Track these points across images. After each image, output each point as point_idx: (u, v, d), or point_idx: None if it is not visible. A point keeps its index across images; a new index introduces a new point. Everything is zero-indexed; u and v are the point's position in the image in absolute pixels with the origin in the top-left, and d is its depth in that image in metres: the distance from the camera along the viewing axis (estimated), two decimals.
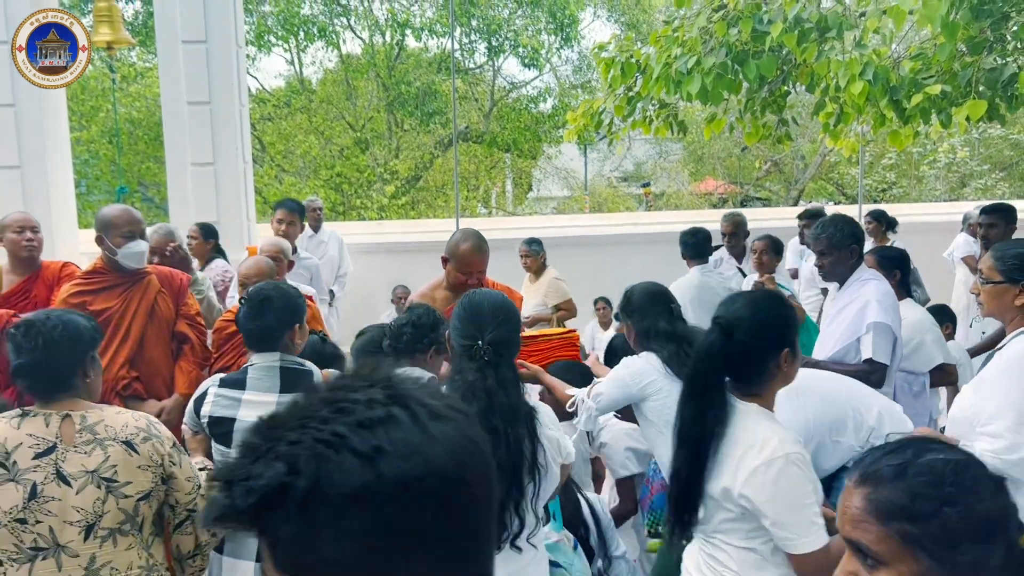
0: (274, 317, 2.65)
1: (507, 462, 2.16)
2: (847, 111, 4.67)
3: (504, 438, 2.16)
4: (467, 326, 2.29)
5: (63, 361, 2.18)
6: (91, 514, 2.12)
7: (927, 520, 1.21)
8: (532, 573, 2.32)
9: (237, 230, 7.05)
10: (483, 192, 21.33)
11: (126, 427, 2.21)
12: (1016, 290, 2.59)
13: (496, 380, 2.22)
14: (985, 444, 2.46)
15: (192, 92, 6.82)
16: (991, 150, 18.53)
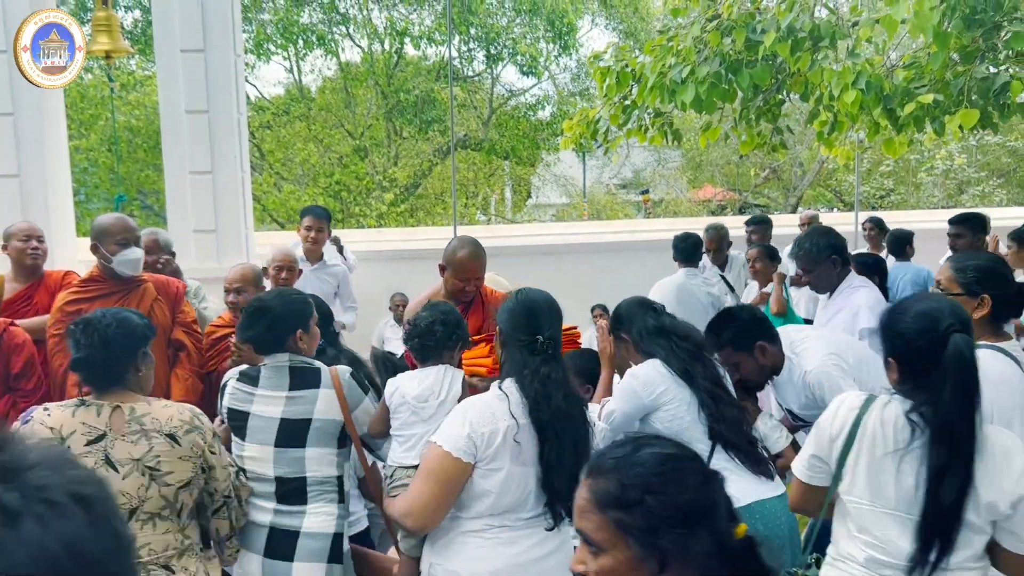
0: (266, 327, 2.72)
1: (583, 443, 2.41)
2: (841, 120, 4.70)
3: (582, 424, 2.43)
4: (526, 322, 2.46)
5: (116, 356, 2.36)
6: (135, 499, 2.29)
7: (633, 508, 1.31)
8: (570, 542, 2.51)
9: (235, 238, 7.06)
10: (482, 200, 21.37)
11: (171, 420, 2.37)
12: (975, 303, 2.57)
13: (562, 371, 2.45)
14: None
15: (191, 101, 6.83)
16: (988, 157, 18.58)
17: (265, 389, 2.70)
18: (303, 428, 2.66)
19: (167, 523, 2.35)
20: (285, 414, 2.66)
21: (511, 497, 2.39)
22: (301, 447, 2.65)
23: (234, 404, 2.74)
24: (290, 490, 2.65)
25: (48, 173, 6.64)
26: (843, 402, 2.16)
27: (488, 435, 2.36)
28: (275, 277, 4.60)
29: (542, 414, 2.37)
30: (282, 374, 2.71)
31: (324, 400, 2.69)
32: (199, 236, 6.99)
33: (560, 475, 2.37)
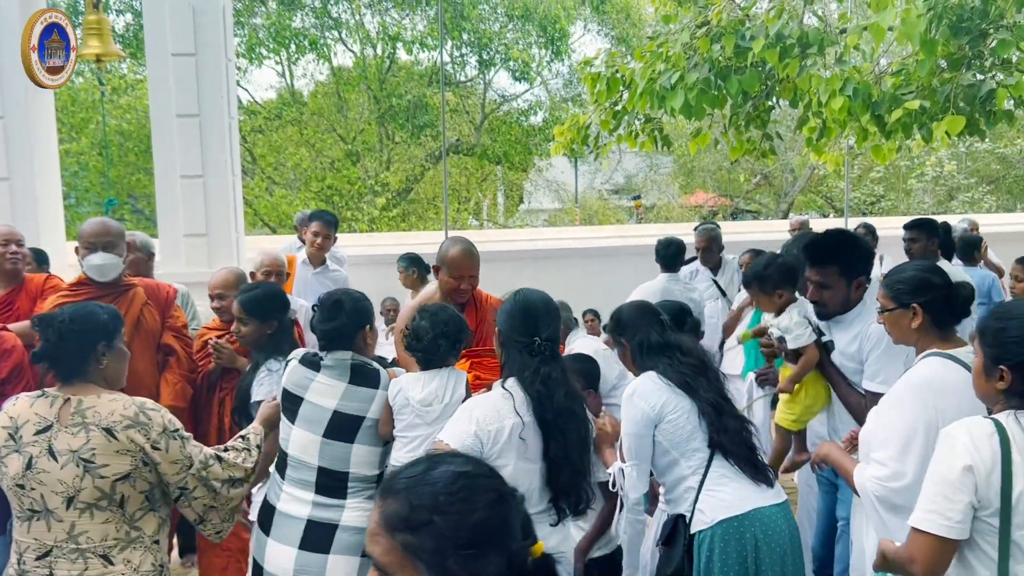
0: (346, 318, 2.78)
1: (585, 440, 2.50)
2: (830, 126, 4.73)
3: (584, 421, 2.51)
4: (523, 324, 2.53)
5: (72, 350, 2.42)
6: (71, 488, 2.35)
7: (421, 529, 1.24)
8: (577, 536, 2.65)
9: (226, 242, 7.05)
10: (474, 205, 21.39)
11: (112, 414, 2.38)
12: (910, 314, 2.59)
13: (561, 370, 2.52)
14: (873, 471, 2.46)
15: (182, 105, 6.83)
16: (978, 164, 18.70)
17: (325, 377, 2.73)
18: (355, 424, 2.70)
19: (105, 514, 2.38)
20: (340, 407, 2.70)
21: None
22: (349, 442, 2.69)
23: (290, 386, 2.77)
24: (331, 483, 2.67)
25: (38, 177, 6.62)
26: (971, 432, 2.00)
27: (494, 432, 2.43)
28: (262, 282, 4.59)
29: (546, 412, 2.44)
30: (344, 367, 2.76)
31: (380, 401, 2.75)
32: (190, 240, 6.98)
33: (564, 471, 2.45)
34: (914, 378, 2.52)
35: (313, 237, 5.71)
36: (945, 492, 1.96)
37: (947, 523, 1.95)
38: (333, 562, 2.61)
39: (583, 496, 2.52)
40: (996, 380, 2.04)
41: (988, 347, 2.06)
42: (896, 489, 2.39)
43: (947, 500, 1.95)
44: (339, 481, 2.68)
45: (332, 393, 2.71)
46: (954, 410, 2.34)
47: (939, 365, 2.51)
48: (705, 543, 2.71)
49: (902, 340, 2.71)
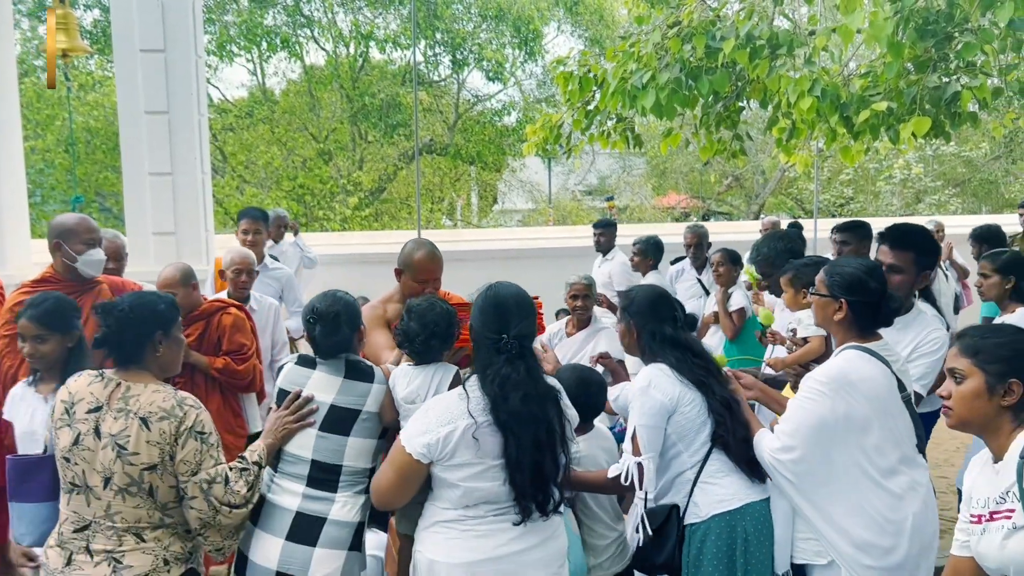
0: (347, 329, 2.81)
1: (546, 442, 2.45)
2: (799, 127, 4.78)
3: (544, 421, 2.45)
4: (492, 320, 2.50)
5: (130, 337, 2.53)
6: (107, 470, 2.45)
7: None
8: (559, 535, 2.61)
9: (195, 241, 6.97)
10: (448, 205, 21.35)
11: (151, 404, 2.47)
12: (836, 306, 2.74)
13: (526, 370, 2.46)
14: (769, 440, 2.71)
15: (150, 102, 6.74)
16: (944, 167, 19.00)
17: (321, 373, 2.77)
18: (351, 417, 2.72)
19: (136, 499, 2.46)
20: (336, 401, 2.72)
21: (481, 491, 2.46)
22: (345, 435, 2.71)
23: (286, 385, 2.79)
24: (323, 476, 2.69)
25: (2, 174, 6.50)
26: None
27: (445, 436, 2.43)
28: (234, 281, 4.55)
29: (500, 414, 2.42)
30: (339, 362, 2.79)
31: (375, 395, 2.77)
32: (158, 239, 6.89)
33: (522, 473, 2.42)
34: (832, 370, 2.68)
35: (243, 236, 5.55)
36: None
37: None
38: (318, 555, 2.61)
39: (550, 498, 2.50)
40: (1001, 396, 2.05)
41: (990, 364, 2.07)
42: (784, 461, 2.64)
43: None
44: (332, 475, 2.69)
45: (329, 388, 2.74)
46: (864, 400, 2.57)
47: (856, 358, 2.67)
48: (697, 535, 2.77)
49: (822, 324, 2.89)
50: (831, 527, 2.65)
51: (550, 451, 2.48)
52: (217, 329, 4.07)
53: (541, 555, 2.53)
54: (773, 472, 2.71)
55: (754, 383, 3.10)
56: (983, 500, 2.05)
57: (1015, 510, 1.92)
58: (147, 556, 2.46)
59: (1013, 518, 1.92)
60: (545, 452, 2.45)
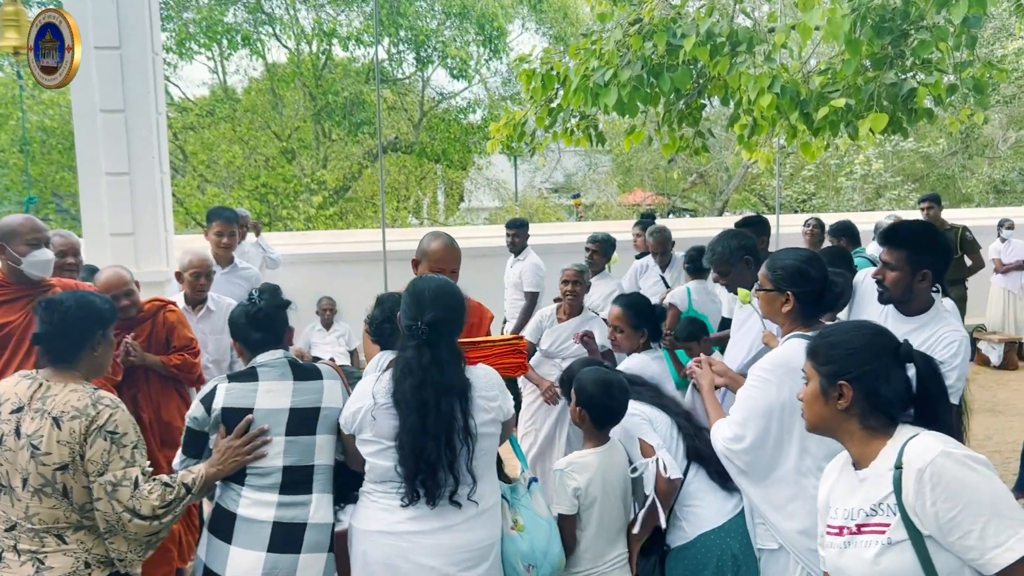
0: (279, 323, 2.83)
1: (438, 429, 2.48)
2: (760, 123, 4.81)
3: (435, 409, 2.48)
4: (409, 307, 2.58)
5: (73, 335, 2.54)
6: (24, 470, 2.44)
7: None
8: (477, 529, 2.59)
9: (154, 242, 6.84)
10: (414, 203, 21.23)
11: (65, 404, 2.45)
12: (783, 299, 2.81)
13: (431, 357, 2.52)
14: (723, 430, 2.76)
15: (106, 99, 6.60)
16: (904, 162, 19.32)
17: (268, 382, 2.71)
18: (313, 416, 2.71)
19: (52, 500, 2.44)
20: (294, 403, 2.69)
21: (380, 469, 2.58)
22: (312, 434, 2.70)
23: (231, 402, 2.69)
24: (297, 479, 2.66)
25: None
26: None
27: (354, 411, 2.61)
28: (192, 283, 4.48)
29: (397, 396, 2.53)
30: (283, 366, 2.75)
31: (329, 389, 2.76)
32: (116, 240, 6.75)
33: (408, 456, 2.49)
34: (776, 358, 2.73)
35: (217, 238, 5.50)
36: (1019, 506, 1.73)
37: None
38: (304, 561, 2.61)
39: (439, 486, 2.52)
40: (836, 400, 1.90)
41: (823, 365, 1.95)
42: (735, 450, 2.70)
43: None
44: (305, 476, 2.68)
45: (282, 394, 2.70)
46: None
47: (800, 346, 2.62)
48: (683, 555, 2.86)
49: (770, 318, 2.94)
50: (778, 513, 2.70)
51: (444, 440, 2.49)
52: (164, 327, 4.04)
53: (442, 541, 2.54)
54: (726, 462, 2.77)
55: (725, 370, 3.15)
56: (846, 511, 1.90)
57: (890, 524, 1.77)
58: (68, 558, 2.44)
59: (887, 533, 1.77)
60: (429, 439, 2.47)
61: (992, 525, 1.65)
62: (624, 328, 3.75)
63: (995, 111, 17.44)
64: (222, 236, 5.46)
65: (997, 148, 19.20)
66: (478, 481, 2.59)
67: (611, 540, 2.91)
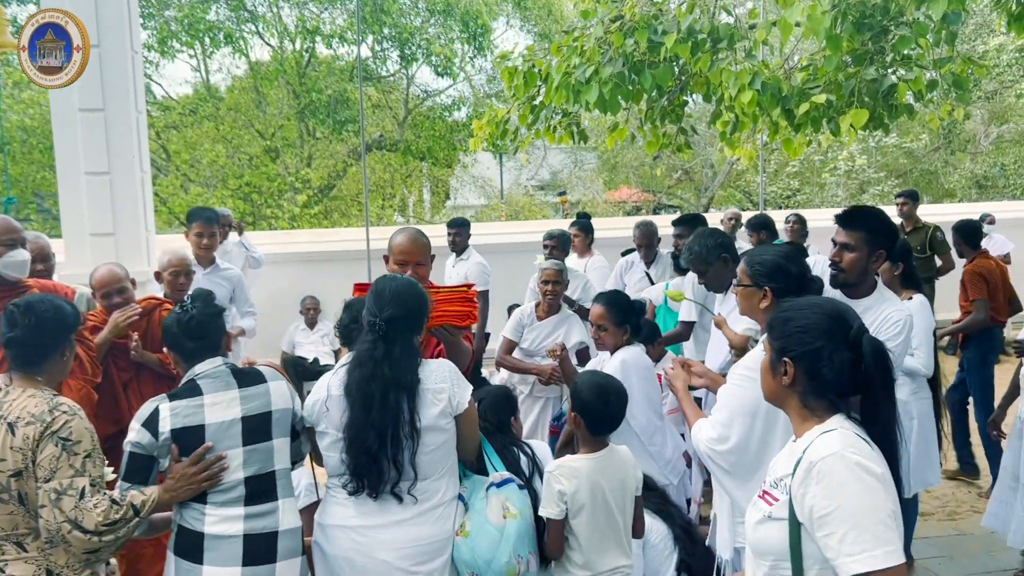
0: (214, 330, 2.73)
1: (383, 423, 2.52)
2: (742, 120, 4.82)
3: (380, 402, 2.52)
4: (371, 303, 2.62)
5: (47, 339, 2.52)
6: None
7: None
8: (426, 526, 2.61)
9: (135, 242, 6.78)
10: (399, 201, 21.18)
11: (22, 409, 2.41)
12: (761, 294, 2.81)
13: (385, 351, 2.56)
14: (706, 431, 2.72)
15: (85, 98, 6.53)
16: (887, 158, 19.43)
17: (213, 395, 2.61)
18: (266, 420, 2.65)
19: (9, 506, 2.40)
20: (245, 411, 2.62)
21: (333, 460, 2.64)
22: (268, 439, 2.65)
23: (179, 423, 2.56)
24: (261, 488, 2.61)
25: None
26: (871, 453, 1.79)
27: (312, 403, 2.68)
28: (172, 282, 4.44)
29: (346, 387, 2.58)
30: (225, 375, 2.67)
31: (275, 391, 2.70)
32: (96, 240, 6.69)
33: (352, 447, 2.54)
34: (758, 356, 2.64)
35: (197, 239, 5.46)
36: (888, 522, 1.70)
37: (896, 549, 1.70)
38: (281, 569, 2.58)
39: (382, 479, 2.56)
40: (782, 375, 1.91)
41: (774, 340, 1.95)
42: (720, 451, 2.65)
43: (892, 530, 1.70)
44: (268, 483, 2.62)
45: (231, 403, 2.61)
46: None
47: None
48: None
49: (748, 314, 2.93)
50: None
51: (390, 433, 2.52)
52: (159, 325, 3.98)
53: (394, 536, 2.58)
54: (709, 463, 2.73)
55: (704, 371, 3.13)
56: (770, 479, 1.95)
57: (779, 500, 1.84)
58: (29, 566, 2.39)
59: (774, 507, 1.85)
60: (372, 431, 2.51)
61: (852, 534, 1.67)
62: (608, 326, 3.73)
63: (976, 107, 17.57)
64: (202, 237, 5.42)
65: (979, 144, 19.35)
66: (421, 477, 2.59)
67: (604, 550, 2.81)
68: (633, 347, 3.77)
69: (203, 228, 5.44)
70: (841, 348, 1.85)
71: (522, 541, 2.70)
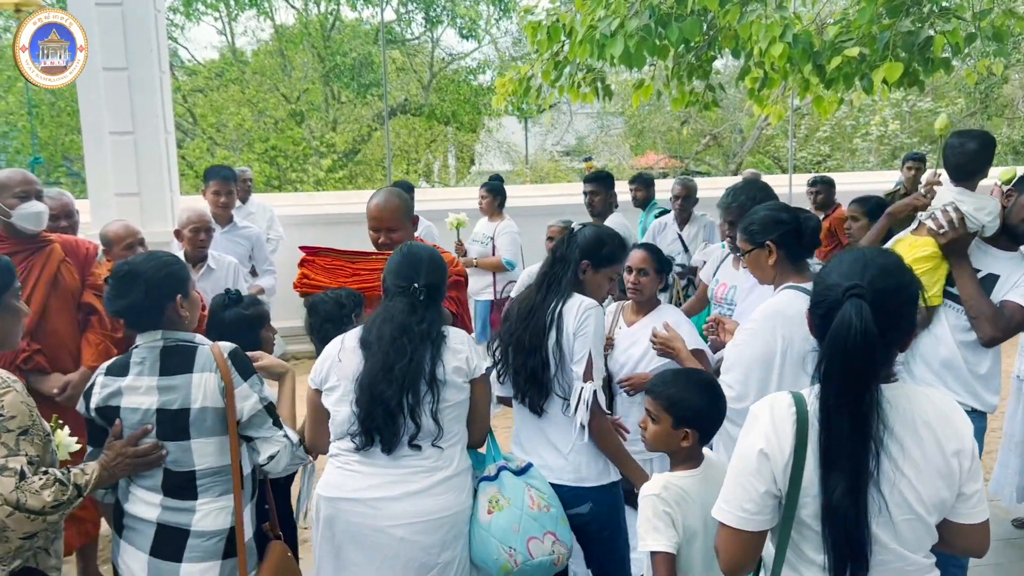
0: (143, 293, 2.38)
1: (402, 372, 2.45)
2: (771, 76, 4.68)
3: (401, 352, 2.46)
4: (404, 269, 2.58)
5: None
6: None
7: None
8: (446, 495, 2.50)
9: (159, 203, 6.81)
10: (424, 166, 21.11)
11: None
12: (765, 252, 2.79)
13: (422, 316, 2.53)
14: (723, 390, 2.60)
15: (108, 57, 6.53)
16: (921, 123, 18.98)
17: (134, 377, 2.37)
18: (183, 417, 2.35)
19: None
20: (161, 404, 2.34)
21: (340, 416, 2.53)
22: (185, 439, 2.35)
23: (102, 401, 2.39)
24: (179, 483, 2.37)
25: None
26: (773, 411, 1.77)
27: (323, 358, 2.62)
28: (192, 239, 4.44)
29: (366, 337, 2.52)
30: (153, 356, 2.38)
31: (199, 385, 2.36)
32: (121, 200, 6.73)
33: (364, 399, 2.44)
34: (768, 309, 2.70)
35: (215, 197, 5.46)
36: (741, 480, 1.74)
37: (742, 514, 1.74)
38: (186, 571, 2.34)
39: (394, 435, 2.46)
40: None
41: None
42: (739, 410, 2.56)
43: (743, 489, 1.74)
44: (187, 481, 2.37)
45: (147, 391, 2.36)
46: (800, 339, 2.52)
47: (793, 297, 2.66)
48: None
49: (763, 280, 2.89)
50: None
51: (407, 384, 2.45)
52: None
53: (408, 509, 2.45)
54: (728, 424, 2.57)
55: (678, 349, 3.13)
56: None
57: None
58: None
59: None
60: (392, 382, 2.43)
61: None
62: (650, 271, 3.56)
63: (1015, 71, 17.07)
64: (219, 195, 5.42)
65: (1016, 108, 18.84)
66: (444, 431, 2.51)
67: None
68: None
69: (220, 186, 5.43)
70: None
71: (509, 532, 2.53)
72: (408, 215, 3.23)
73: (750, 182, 3.74)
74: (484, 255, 6.36)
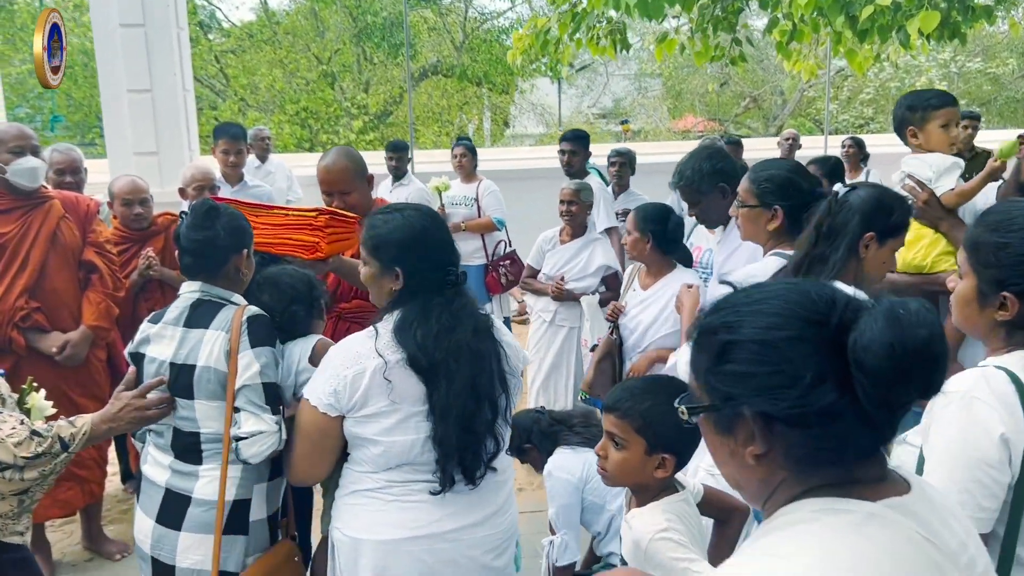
0: (221, 230, 2.27)
1: (484, 385, 2.03)
2: (800, 28, 4.44)
3: (475, 353, 2.03)
4: (438, 255, 2.09)
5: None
6: None
7: None
8: (509, 508, 2.20)
9: (177, 161, 6.75)
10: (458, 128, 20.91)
11: None
12: (769, 215, 2.49)
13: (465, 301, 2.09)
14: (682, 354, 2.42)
15: (125, 14, 6.46)
16: (969, 85, 18.31)
17: (162, 326, 2.27)
18: (188, 374, 2.22)
19: None
20: (176, 356, 2.23)
21: (400, 446, 2.02)
22: (191, 398, 2.22)
23: (133, 347, 2.30)
24: (186, 445, 2.26)
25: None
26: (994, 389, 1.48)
27: (351, 378, 2.00)
28: (196, 198, 4.35)
29: (437, 352, 2.00)
30: (184, 308, 2.28)
31: (208, 342, 2.21)
32: (140, 159, 6.69)
33: (450, 424, 1.98)
34: (746, 272, 2.50)
35: (224, 156, 5.31)
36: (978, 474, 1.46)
37: (981, 515, 1.46)
38: (183, 540, 2.23)
39: (480, 460, 2.04)
40: (995, 309, 1.56)
41: (986, 267, 1.57)
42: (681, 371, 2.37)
43: (980, 484, 1.46)
44: (193, 443, 2.26)
45: (170, 341, 2.25)
46: None
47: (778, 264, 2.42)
48: None
49: (752, 238, 2.61)
50: None
51: (487, 398, 2.05)
52: None
53: (486, 534, 2.12)
54: None
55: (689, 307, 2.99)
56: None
57: None
58: None
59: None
60: (482, 399, 2.03)
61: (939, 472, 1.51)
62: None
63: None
64: (228, 154, 5.30)
65: None
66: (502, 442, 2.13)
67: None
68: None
69: (229, 145, 5.30)
70: None
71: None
72: (361, 175, 2.98)
73: (696, 152, 3.31)
74: (469, 218, 6.14)
